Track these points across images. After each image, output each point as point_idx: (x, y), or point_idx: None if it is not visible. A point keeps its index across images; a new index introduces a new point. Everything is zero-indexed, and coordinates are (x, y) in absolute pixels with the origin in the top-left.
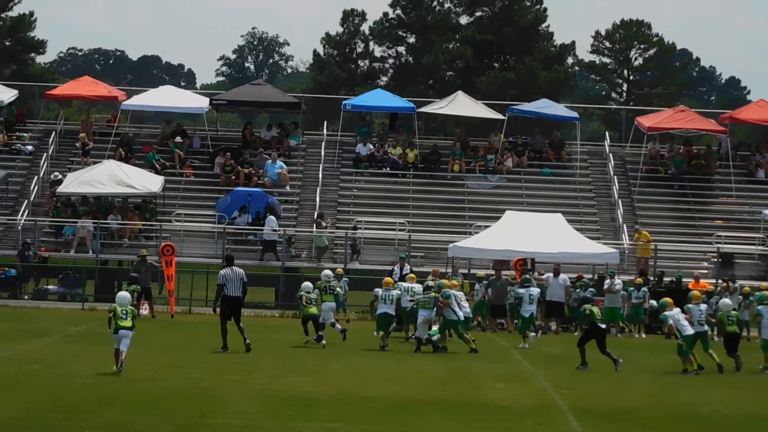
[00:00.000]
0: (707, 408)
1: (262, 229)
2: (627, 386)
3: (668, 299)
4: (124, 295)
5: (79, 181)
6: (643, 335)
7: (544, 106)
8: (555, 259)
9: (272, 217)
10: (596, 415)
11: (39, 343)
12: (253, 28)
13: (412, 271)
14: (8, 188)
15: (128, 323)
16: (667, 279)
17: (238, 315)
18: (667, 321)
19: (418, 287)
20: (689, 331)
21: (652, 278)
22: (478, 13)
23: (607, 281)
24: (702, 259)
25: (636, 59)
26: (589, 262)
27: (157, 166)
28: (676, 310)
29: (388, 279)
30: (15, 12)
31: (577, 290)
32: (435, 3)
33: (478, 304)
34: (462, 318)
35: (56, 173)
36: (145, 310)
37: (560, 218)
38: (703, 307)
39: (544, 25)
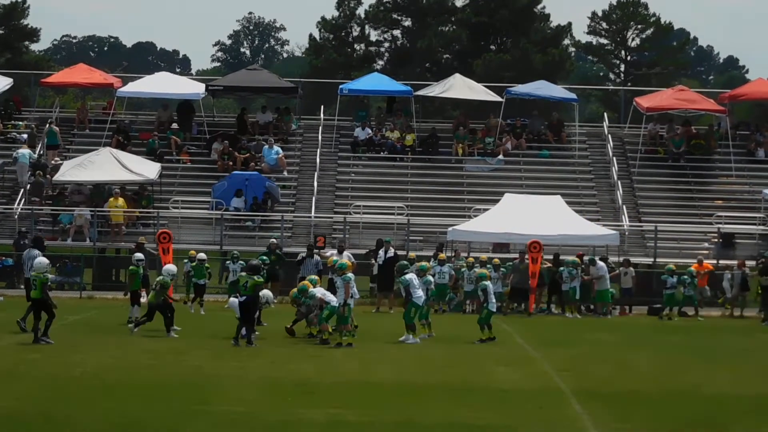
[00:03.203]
0: (711, 389)
1: (259, 215)
2: (629, 368)
3: (428, 264)
4: (167, 268)
5: (76, 169)
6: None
7: (541, 87)
8: (554, 242)
9: None
10: (599, 398)
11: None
12: (249, 13)
13: (396, 255)
14: (4, 177)
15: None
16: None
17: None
18: (404, 283)
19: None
20: (419, 295)
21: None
22: None
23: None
24: (703, 239)
25: (633, 39)
26: (589, 244)
27: (158, 151)
28: (412, 275)
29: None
30: (8, 0)
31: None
32: None
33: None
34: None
35: (57, 159)
36: (143, 298)
37: (559, 200)
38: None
39: (540, 7)
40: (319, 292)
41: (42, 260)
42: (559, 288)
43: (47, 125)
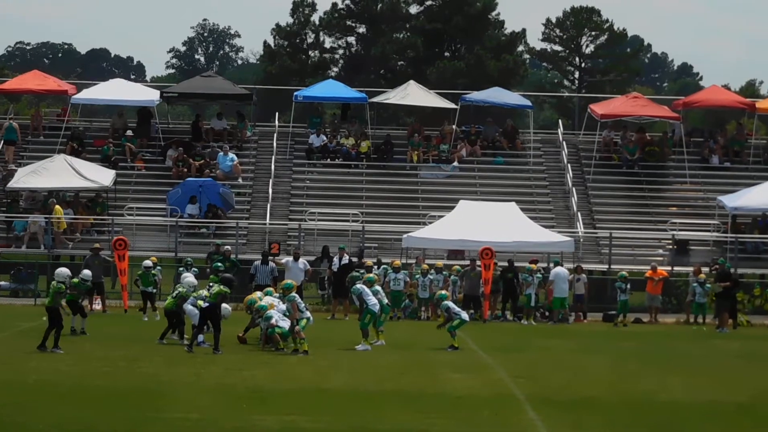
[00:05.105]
0: (665, 395)
1: (213, 222)
2: (585, 374)
3: (376, 276)
4: (188, 281)
5: (30, 176)
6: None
7: (496, 94)
8: (509, 248)
9: None
10: (554, 404)
11: None
12: (204, 19)
13: (350, 262)
14: None
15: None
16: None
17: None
18: (356, 293)
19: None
20: (373, 302)
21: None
22: (428, 2)
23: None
24: (657, 246)
25: (587, 46)
26: (543, 251)
27: (112, 158)
28: (363, 286)
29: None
30: None
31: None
32: None
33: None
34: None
35: (12, 165)
36: (97, 305)
37: (514, 207)
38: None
39: (494, 14)
40: (274, 317)
41: (63, 270)
42: (515, 294)
43: (7, 121)
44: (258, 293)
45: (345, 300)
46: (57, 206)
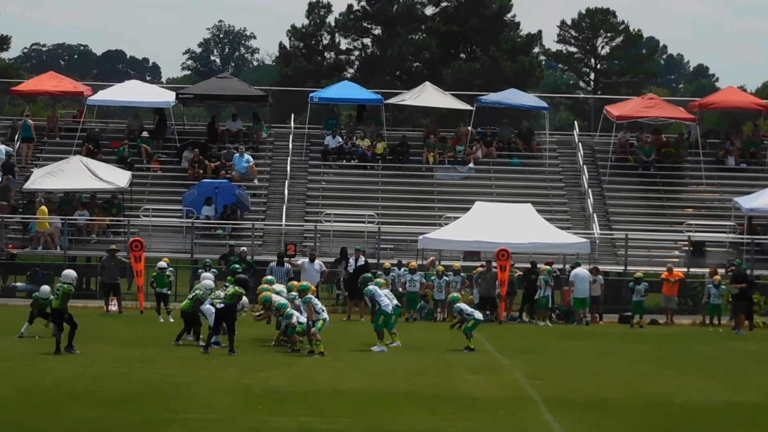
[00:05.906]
0: (682, 397)
1: (229, 223)
2: (601, 376)
3: (383, 280)
4: (205, 283)
5: (46, 177)
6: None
7: (512, 95)
8: (525, 250)
9: None
10: (570, 406)
11: (8, 340)
12: (220, 21)
13: (367, 264)
14: None
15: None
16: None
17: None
18: (368, 294)
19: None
20: (386, 303)
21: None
22: (444, 4)
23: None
24: (673, 247)
25: (603, 48)
26: (559, 252)
27: (128, 160)
28: (375, 287)
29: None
30: None
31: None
32: None
33: None
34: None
35: (33, 169)
36: (113, 306)
37: (530, 208)
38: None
39: (509, 15)
40: (294, 316)
41: (70, 272)
42: (534, 296)
43: (23, 118)
44: (267, 285)
45: (361, 301)
46: (43, 207)
